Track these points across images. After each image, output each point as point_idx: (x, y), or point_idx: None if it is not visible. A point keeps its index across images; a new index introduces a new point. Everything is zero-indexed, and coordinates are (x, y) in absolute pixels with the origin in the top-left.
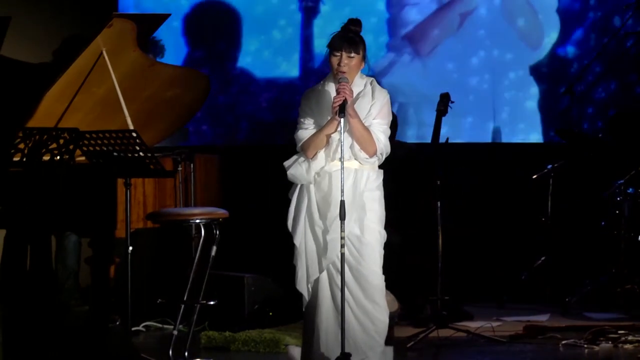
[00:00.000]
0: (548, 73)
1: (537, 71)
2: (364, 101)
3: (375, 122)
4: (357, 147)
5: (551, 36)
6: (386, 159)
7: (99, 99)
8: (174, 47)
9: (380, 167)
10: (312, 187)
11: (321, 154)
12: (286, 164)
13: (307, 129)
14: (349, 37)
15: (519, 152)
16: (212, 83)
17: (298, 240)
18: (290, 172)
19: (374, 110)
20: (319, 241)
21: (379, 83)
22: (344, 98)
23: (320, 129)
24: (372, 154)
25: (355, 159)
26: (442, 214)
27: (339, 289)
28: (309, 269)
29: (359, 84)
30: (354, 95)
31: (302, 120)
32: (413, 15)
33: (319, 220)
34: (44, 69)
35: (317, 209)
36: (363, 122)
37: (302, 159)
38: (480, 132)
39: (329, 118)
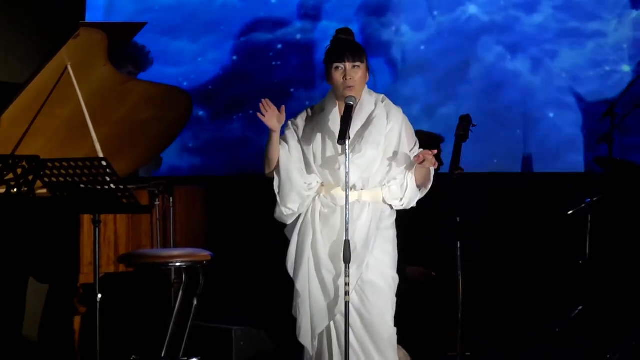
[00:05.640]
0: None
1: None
2: (379, 126)
3: (412, 153)
4: (389, 189)
5: None
6: None
7: (63, 122)
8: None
9: None
10: (317, 222)
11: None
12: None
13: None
14: (351, 42)
15: (553, 183)
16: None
17: (301, 285)
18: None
19: (396, 139)
20: (326, 286)
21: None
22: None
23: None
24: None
25: (369, 189)
26: (463, 255)
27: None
28: (314, 318)
29: (368, 101)
30: (366, 117)
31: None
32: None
33: (326, 261)
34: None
35: (325, 249)
36: (383, 152)
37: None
38: (507, 160)
39: (327, 146)
